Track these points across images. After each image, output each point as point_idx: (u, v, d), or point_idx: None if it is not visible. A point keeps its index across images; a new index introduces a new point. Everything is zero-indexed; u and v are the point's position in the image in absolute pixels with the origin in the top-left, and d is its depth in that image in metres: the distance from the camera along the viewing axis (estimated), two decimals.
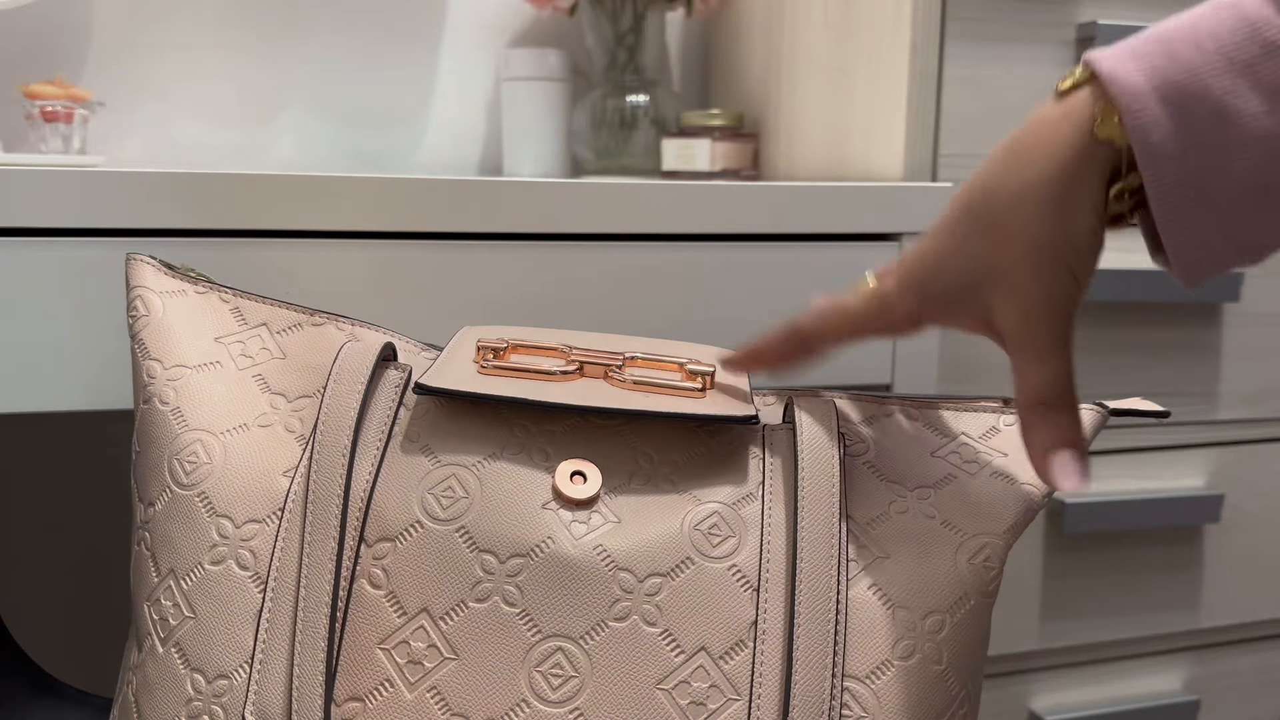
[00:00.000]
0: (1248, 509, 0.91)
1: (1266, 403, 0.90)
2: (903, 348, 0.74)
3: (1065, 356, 0.42)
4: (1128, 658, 0.91)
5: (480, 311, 0.66)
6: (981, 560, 0.48)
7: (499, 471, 0.48)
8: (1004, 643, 0.86)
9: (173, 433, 0.50)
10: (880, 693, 0.45)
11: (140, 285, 0.54)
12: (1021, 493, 0.50)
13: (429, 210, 0.64)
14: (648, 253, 0.69)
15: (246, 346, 0.53)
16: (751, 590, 0.47)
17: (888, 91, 0.80)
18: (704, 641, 0.46)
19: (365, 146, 1.10)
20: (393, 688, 0.45)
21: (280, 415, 0.51)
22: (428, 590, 0.46)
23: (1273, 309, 0.89)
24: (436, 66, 1.10)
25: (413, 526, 0.47)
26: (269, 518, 0.48)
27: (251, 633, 0.46)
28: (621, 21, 1.03)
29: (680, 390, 0.51)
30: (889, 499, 0.50)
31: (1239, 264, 0.41)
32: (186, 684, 0.46)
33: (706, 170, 0.94)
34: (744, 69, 1.06)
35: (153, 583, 0.48)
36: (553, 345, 0.53)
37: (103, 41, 1.01)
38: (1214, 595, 0.91)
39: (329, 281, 0.63)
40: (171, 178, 0.60)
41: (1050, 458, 0.43)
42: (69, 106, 0.83)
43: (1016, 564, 0.85)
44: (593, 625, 0.45)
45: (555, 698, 0.45)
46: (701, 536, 0.48)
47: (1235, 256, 0.41)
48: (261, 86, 1.06)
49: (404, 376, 0.51)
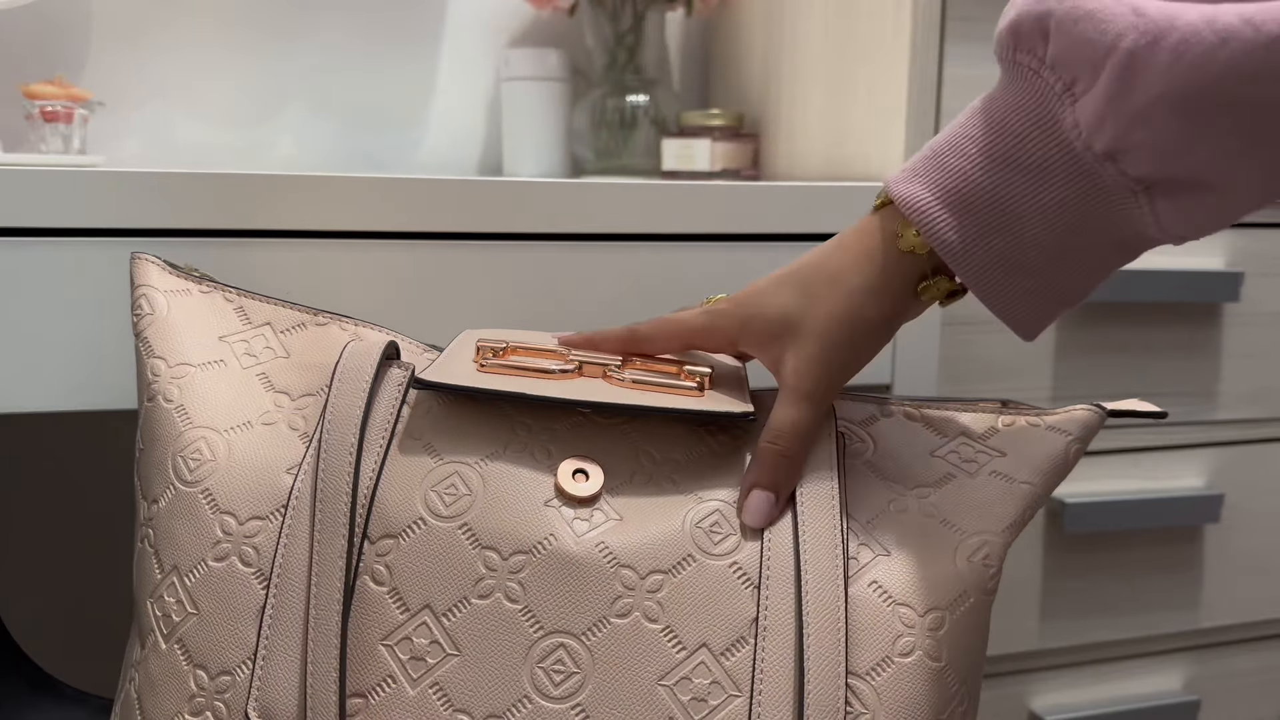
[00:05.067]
0: (1248, 509, 0.91)
1: (1266, 403, 0.90)
2: (903, 348, 0.74)
3: (813, 413, 0.49)
4: (1127, 658, 0.91)
5: (480, 311, 0.66)
6: (981, 558, 0.48)
7: (501, 469, 0.48)
8: (1004, 643, 0.86)
9: (177, 430, 0.50)
10: (880, 690, 0.45)
11: (145, 284, 0.54)
12: (1020, 491, 0.50)
13: (429, 210, 0.64)
14: (648, 253, 0.69)
15: (250, 345, 0.53)
16: (752, 588, 0.47)
17: (888, 92, 0.80)
18: (705, 638, 0.46)
19: (365, 146, 1.10)
20: (395, 684, 0.45)
21: (283, 413, 0.51)
22: (430, 587, 0.46)
23: (1273, 309, 0.89)
24: (436, 66, 1.11)
25: (416, 523, 0.47)
26: (272, 515, 0.48)
27: (254, 629, 0.46)
28: (621, 21, 1.03)
29: (678, 389, 0.51)
30: (889, 498, 0.50)
31: (1066, 309, 0.48)
32: (189, 680, 0.46)
33: (706, 170, 0.94)
34: (744, 69, 1.06)
35: (156, 579, 0.48)
36: (552, 346, 0.53)
37: (103, 41, 1.01)
38: (1214, 595, 0.92)
39: (328, 281, 0.63)
40: (171, 178, 0.60)
41: (752, 494, 0.48)
42: (69, 106, 0.83)
43: (1016, 564, 0.85)
44: (594, 622, 0.46)
45: (557, 694, 0.45)
46: (703, 534, 0.48)
47: (1060, 306, 0.47)
48: (261, 86, 1.06)
49: (407, 375, 0.51)
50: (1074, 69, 0.41)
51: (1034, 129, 0.43)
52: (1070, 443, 0.51)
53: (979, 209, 0.45)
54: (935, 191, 0.46)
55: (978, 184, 0.45)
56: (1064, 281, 0.46)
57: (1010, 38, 0.44)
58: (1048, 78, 0.42)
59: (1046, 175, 0.43)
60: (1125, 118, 0.40)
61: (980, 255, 0.45)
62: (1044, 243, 0.45)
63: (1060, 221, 0.44)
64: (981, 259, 0.46)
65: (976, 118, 0.45)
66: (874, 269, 0.48)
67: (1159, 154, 0.41)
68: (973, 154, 0.45)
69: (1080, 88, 0.41)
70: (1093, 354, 0.85)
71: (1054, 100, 0.42)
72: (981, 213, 0.45)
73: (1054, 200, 0.44)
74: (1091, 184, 0.43)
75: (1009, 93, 0.44)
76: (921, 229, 0.46)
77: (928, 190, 0.46)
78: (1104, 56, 0.40)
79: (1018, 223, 0.45)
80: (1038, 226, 0.44)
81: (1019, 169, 0.44)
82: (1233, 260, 0.88)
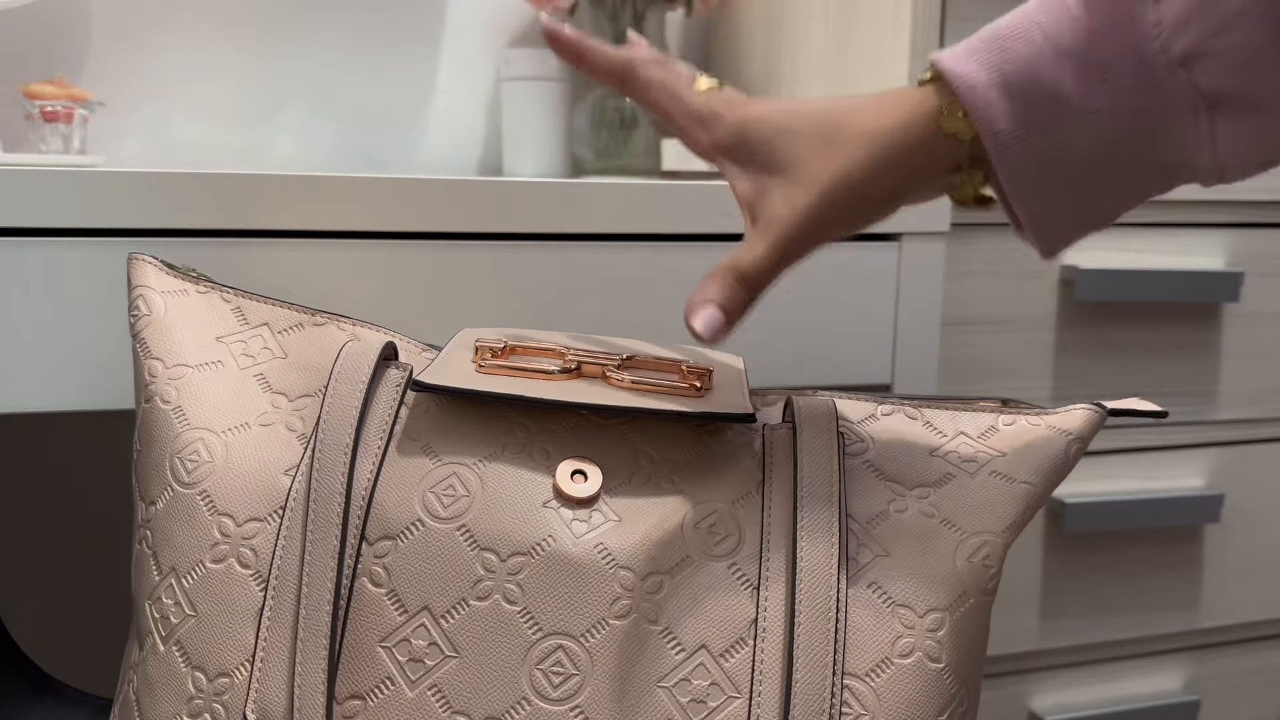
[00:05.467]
0: (1248, 509, 0.91)
1: (1266, 403, 0.90)
2: (903, 348, 0.74)
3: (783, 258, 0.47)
4: (1127, 658, 0.91)
5: (480, 311, 0.66)
6: (981, 559, 0.48)
7: (500, 470, 0.48)
8: (1004, 643, 0.86)
9: (174, 431, 0.50)
10: (879, 691, 0.45)
11: (142, 285, 0.54)
12: (1020, 491, 0.50)
13: (429, 210, 0.64)
14: (648, 253, 0.69)
15: (248, 346, 0.53)
16: (751, 589, 0.47)
17: None
18: (704, 639, 0.46)
19: (365, 146, 1.10)
20: (394, 686, 0.45)
21: (281, 414, 0.51)
22: (429, 588, 0.46)
23: (1273, 309, 0.89)
24: (436, 66, 1.10)
25: (414, 525, 0.47)
26: (270, 516, 0.48)
27: (253, 631, 0.46)
28: (621, 21, 1.03)
29: (677, 390, 0.51)
30: (888, 498, 0.50)
31: (1092, 230, 0.45)
32: (187, 682, 0.46)
33: (706, 170, 0.94)
34: (744, 69, 1.06)
35: (154, 581, 0.48)
36: (551, 346, 0.53)
37: (103, 41, 1.01)
38: (1213, 595, 0.92)
39: (328, 281, 0.63)
40: (171, 178, 0.60)
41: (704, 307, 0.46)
42: (69, 106, 0.83)
43: (1016, 564, 0.85)
44: (593, 623, 0.46)
45: (556, 695, 0.45)
46: (702, 535, 0.48)
47: (1087, 224, 0.45)
48: (262, 86, 1.06)
49: (405, 376, 0.51)
50: None
51: (1108, 23, 0.41)
52: (1070, 442, 0.51)
53: (1033, 99, 0.42)
54: (992, 74, 0.42)
55: (1038, 74, 0.42)
56: (1097, 197, 0.44)
57: None
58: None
59: (1111, 75, 0.41)
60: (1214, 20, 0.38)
61: (1024, 150, 0.43)
62: (1089, 150, 0.42)
63: (1111, 129, 0.42)
64: (1024, 154, 0.43)
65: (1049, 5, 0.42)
66: (908, 141, 0.45)
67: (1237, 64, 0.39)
68: (1038, 41, 0.42)
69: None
70: (1093, 354, 0.85)
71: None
72: (1035, 104, 0.42)
73: (1111, 105, 0.41)
74: (1155, 93, 0.41)
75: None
76: (971, 111, 0.43)
77: (984, 71, 0.43)
78: None
79: (1069, 121, 0.42)
80: (1088, 131, 0.42)
81: (1084, 65, 0.41)
82: (1233, 260, 0.88)
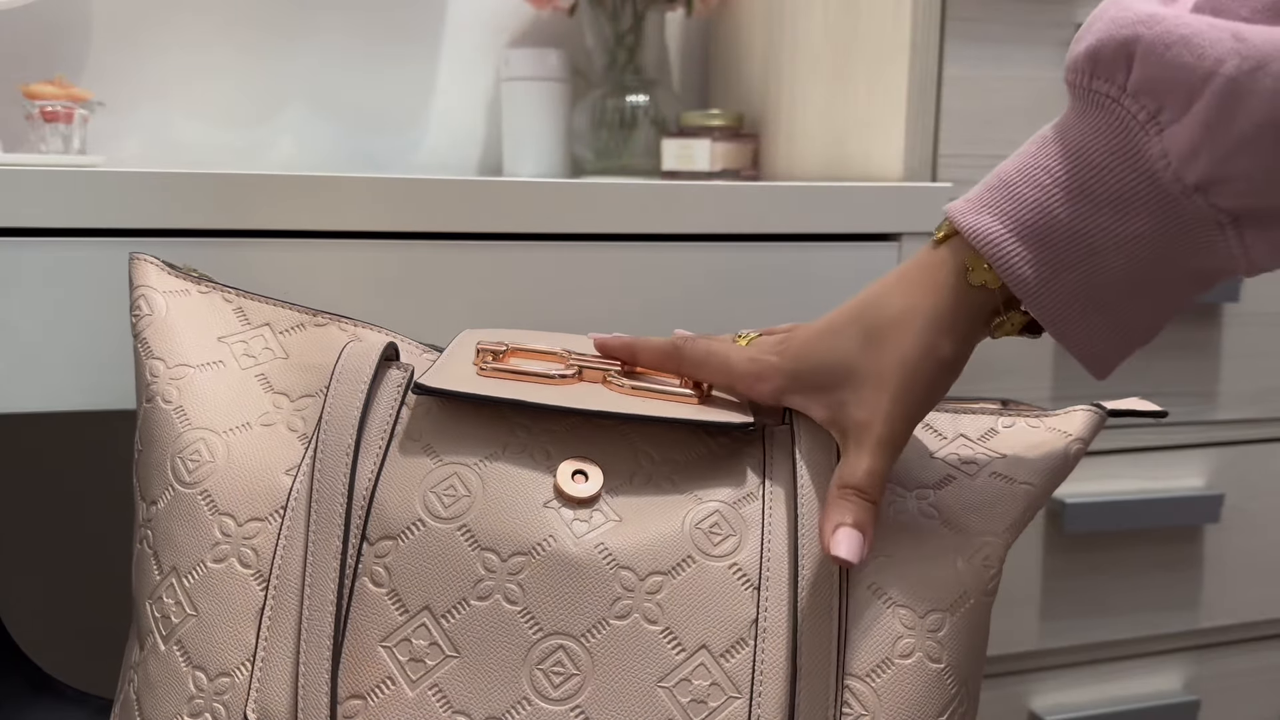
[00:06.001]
0: (1248, 509, 0.91)
1: (1266, 403, 0.90)
2: None
3: (889, 458, 0.47)
4: (1127, 658, 0.91)
5: (480, 311, 0.66)
6: (981, 559, 0.48)
7: (500, 470, 0.48)
8: (1004, 643, 0.86)
9: (175, 431, 0.50)
10: (880, 691, 0.45)
11: (144, 284, 0.54)
12: (1020, 492, 0.50)
13: (429, 210, 0.64)
14: (648, 253, 0.69)
15: (249, 346, 0.53)
16: (752, 589, 0.47)
17: (887, 91, 0.80)
18: (705, 639, 0.46)
19: (365, 146, 1.10)
20: (394, 685, 0.45)
21: (282, 414, 0.51)
22: (429, 588, 0.46)
23: (1273, 309, 0.89)
24: (436, 66, 1.10)
25: (415, 525, 0.47)
26: (271, 516, 0.48)
27: (253, 630, 0.46)
28: (621, 21, 1.03)
29: (678, 396, 0.51)
30: (889, 499, 0.50)
31: (1139, 346, 0.46)
32: (188, 681, 0.46)
33: (706, 170, 0.94)
34: (744, 69, 1.06)
35: (155, 581, 0.48)
36: (552, 350, 0.53)
37: (103, 41, 1.01)
38: (1213, 595, 0.92)
39: (328, 281, 0.63)
40: (171, 178, 0.60)
41: (840, 530, 0.46)
42: (69, 106, 0.83)
43: (1016, 564, 0.85)
44: (594, 623, 0.46)
45: (556, 695, 0.45)
46: (702, 535, 0.48)
47: (1134, 342, 0.46)
48: (261, 86, 1.06)
49: (406, 376, 0.51)
50: (1161, 97, 0.40)
51: (1115, 159, 0.42)
52: (1071, 443, 0.51)
53: (1054, 242, 0.43)
54: (1008, 224, 0.44)
55: (1053, 216, 0.43)
56: (1139, 316, 0.45)
57: (1087, 64, 0.42)
58: (1129, 106, 0.41)
59: (1127, 208, 0.42)
60: (1224, 147, 0.39)
61: (1056, 291, 0.44)
62: (1121, 277, 0.43)
63: (1140, 254, 0.42)
64: (1058, 295, 0.44)
65: (1050, 147, 0.44)
66: (944, 306, 0.46)
67: (1255, 185, 0.39)
68: (1046, 184, 0.43)
69: (1167, 117, 0.40)
70: None
71: (1136, 130, 0.41)
72: (1057, 246, 0.43)
73: (1133, 233, 0.42)
74: (1175, 217, 0.41)
75: (1085, 121, 0.43)
76: (994, 263, 0.44)
77: (999, 222, 0.44)
78: (1202, 83, 0.38)
79: (1094, 256, 0.43)
80: (1116, 260, 0.43)
81: (1097, 201, 0.42)
82: None
